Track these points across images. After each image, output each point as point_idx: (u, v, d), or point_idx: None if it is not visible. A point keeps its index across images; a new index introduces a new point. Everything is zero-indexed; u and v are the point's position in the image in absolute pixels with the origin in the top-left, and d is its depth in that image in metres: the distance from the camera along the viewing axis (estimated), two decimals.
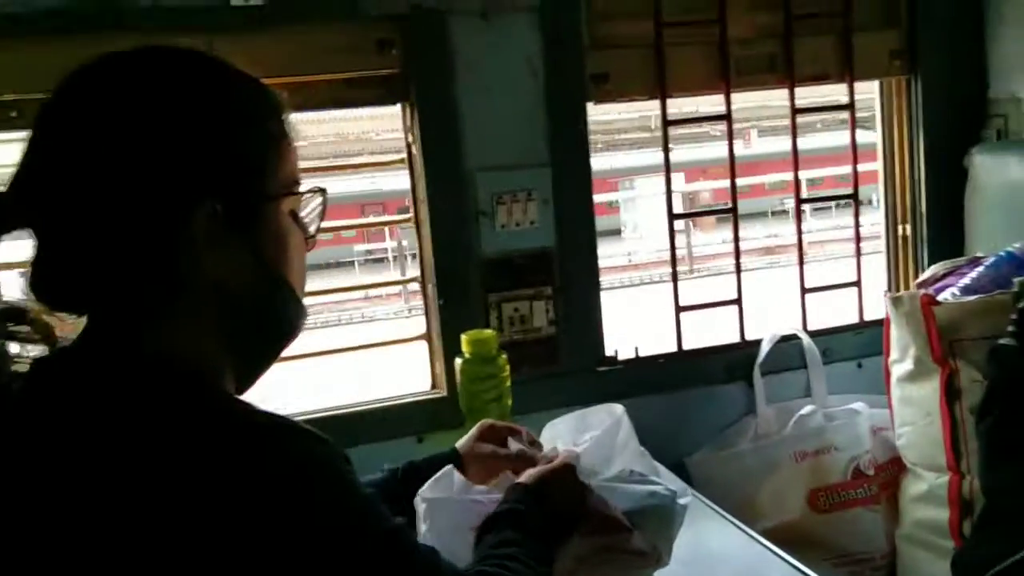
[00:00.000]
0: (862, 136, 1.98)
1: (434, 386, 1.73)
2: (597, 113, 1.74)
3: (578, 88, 1.66)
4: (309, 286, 0.81)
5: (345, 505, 0.66)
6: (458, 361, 1.46)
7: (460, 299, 1.67)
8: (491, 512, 0.95)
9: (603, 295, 1.77)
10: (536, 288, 1.70)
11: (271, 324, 0.76)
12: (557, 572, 1.01)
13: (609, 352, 1.79)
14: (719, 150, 1.84)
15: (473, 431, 1.19)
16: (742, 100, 1.90)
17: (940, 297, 1.57)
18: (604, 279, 1.82)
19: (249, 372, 0.77)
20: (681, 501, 1.19)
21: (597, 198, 1.82)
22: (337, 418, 1.64)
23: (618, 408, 1.25)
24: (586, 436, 1.21)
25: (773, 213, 18.03)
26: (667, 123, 1.76)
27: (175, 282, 0.68)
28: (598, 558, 1.06)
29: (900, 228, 1.97)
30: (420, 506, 1.05)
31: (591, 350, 1.76)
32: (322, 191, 0.79)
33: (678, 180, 14.75)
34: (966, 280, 1.58)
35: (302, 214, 0.77)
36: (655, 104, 1.76)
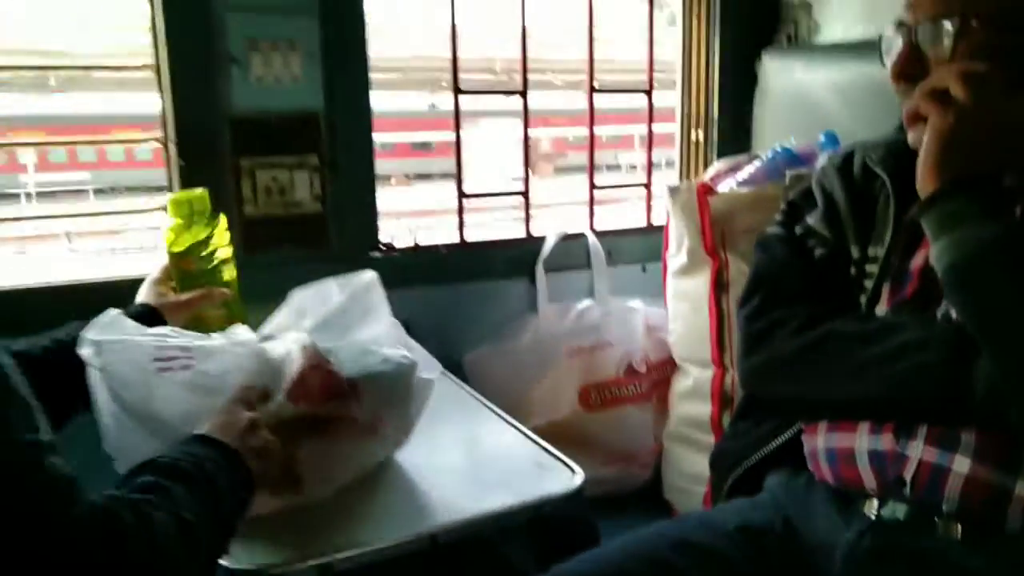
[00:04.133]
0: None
1: None
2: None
3: None
4: None
5: None
6: (163, 229, 1.18)
7: (205, 162, 1.44)
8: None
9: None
10: (299, 156, 1.51)
11: None
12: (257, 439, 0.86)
13: (385, 240, 1.64)
14: (561, 100, 1.72)
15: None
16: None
17: (718, 190, 1.53)
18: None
19: None
20: (424, 374, 1.08)
21: (439, 136, 1.65)
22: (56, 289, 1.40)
23: (368, 275, 1.11)
24: (333, 304, 1.06)
25: (608, 167, 18.62)
26: None
27: None
28: (307, 427, 0.92)
29: (693, 133, 1.95)
30: (86, 352, 0.85)
31: (364, 234, 1.60)
32: None
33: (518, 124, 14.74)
34: (743, 174, 1.55)
35: None
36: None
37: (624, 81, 2.01)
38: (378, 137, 1.59)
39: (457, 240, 1.72)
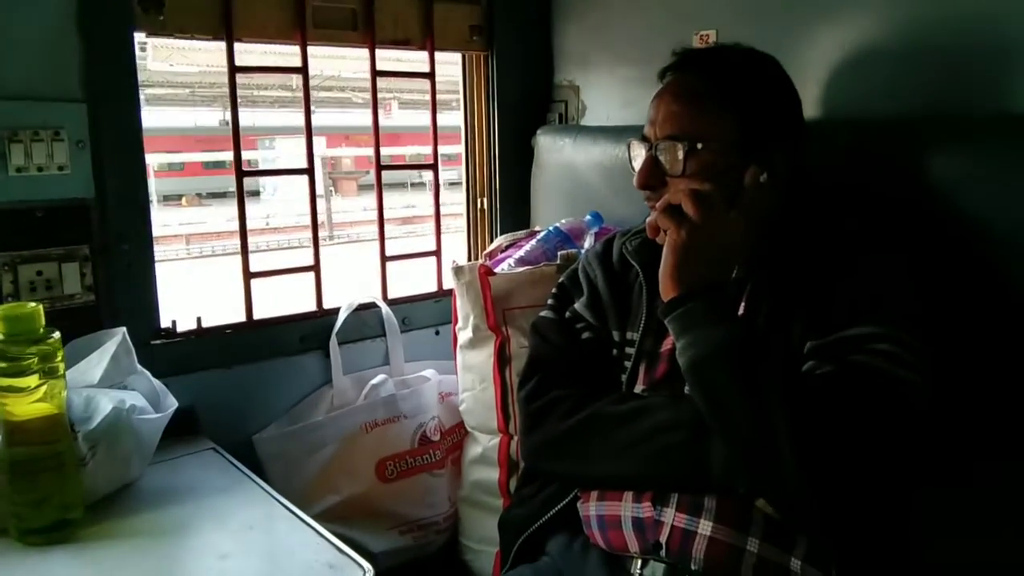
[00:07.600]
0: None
1: None
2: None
3: (121, 11, 1.42)
4: None
5: None
6: None
7: None
8: None
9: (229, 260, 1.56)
10: (67, 247, 1.43)
11: None
12: None
13: (166, 323, 1.59)
14: (363, 117, 1.75)
15: None
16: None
17: (497, 268, 1.64)
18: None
19: None
20: (142, 416, 1.26)
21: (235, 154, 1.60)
22: None
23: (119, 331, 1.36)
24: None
25: (412, 185, 18.76)
26: (234, 70, 1.59)
27: None
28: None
29: (479, 201, 2.06)
30: None
31: (143, 321, 1.54)
32: None
33: (319, 144, 14.53)
34: (521, 252, 1.67)
35: None
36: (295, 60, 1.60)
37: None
38: (168, 157, 1.55)
39: (244, 319, 1.70)
